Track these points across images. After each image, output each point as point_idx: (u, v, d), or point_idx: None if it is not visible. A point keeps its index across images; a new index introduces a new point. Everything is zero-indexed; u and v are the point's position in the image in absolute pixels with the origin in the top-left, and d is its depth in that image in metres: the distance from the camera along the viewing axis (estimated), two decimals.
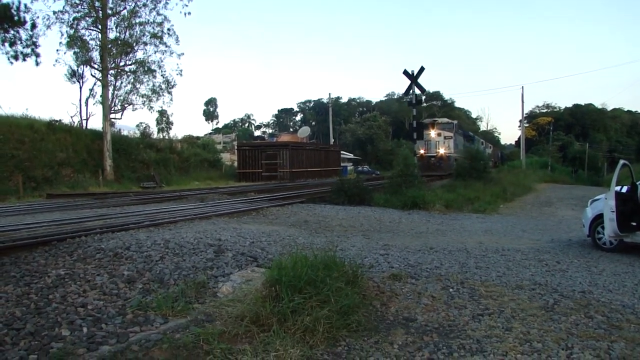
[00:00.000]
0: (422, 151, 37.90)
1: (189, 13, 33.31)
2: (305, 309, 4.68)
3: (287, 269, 5.08)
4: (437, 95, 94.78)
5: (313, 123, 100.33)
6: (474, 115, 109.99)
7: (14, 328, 4.66)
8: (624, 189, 10.06)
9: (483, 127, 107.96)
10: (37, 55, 27.28)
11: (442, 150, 41.04)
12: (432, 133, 41.34)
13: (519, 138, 71.62)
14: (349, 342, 4.55)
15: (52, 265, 6.73)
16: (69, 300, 5.44)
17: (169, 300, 5.33)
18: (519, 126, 75.20)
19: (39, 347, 4.32)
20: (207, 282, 6.16)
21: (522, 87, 75.12)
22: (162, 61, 33.53)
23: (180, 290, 5.73)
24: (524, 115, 65.25)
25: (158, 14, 32.58)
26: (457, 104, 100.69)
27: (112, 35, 31.61)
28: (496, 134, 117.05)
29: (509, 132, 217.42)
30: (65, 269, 6.49)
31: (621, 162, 9.98)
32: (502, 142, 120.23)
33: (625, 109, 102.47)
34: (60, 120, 31.39)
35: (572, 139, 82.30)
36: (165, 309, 5.17)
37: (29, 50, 26.82)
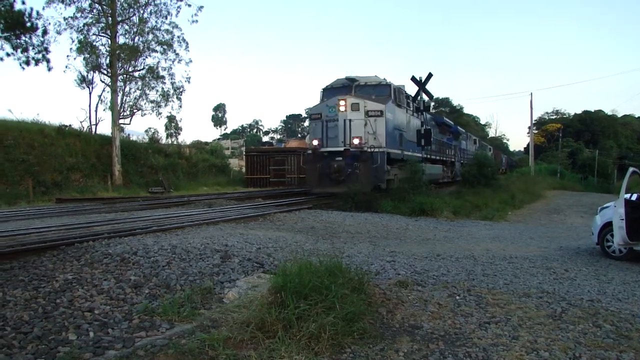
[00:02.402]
0: (315, 143, 21.20)
1: (196, 21, 33.46)
2: (311, 316, 4.67)
3: (292, 276, 5.09)
4: (446, 102, 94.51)
5: None
6: (482, 122, 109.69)
7: (22, 332, 4.70)
8: (634, 197, 9.99)
9: (492, 133, 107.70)
10: (48, 61, 27.46)
11: (357, 141, 20.24)
12: (343, 105, 20.57)
13: (528, 144, 71.32)
14: (354, 349, 4.54)
15: (60, 269, 6.76)
16: (76, 305, 5.46)
17: (175, 306, 5.34)
18: (528, 133, 74.91)
19: (46, 350, 4.35)
20: (213, 288, 6.17)
21: (531, 93, 75.35)
22: (171, 69, 33.70)
23: (187, 296, 5.75)
24: (533, 122, 65.01)
25: (167, 22, 32.76)
26: (466, 110, 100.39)
27: (121, 41, 31.83)
28: (505, 140, 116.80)
29: (518, 139, 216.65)
30: (73, 274, 6.52)
31: (630, 169, 9.92)
32: (511, 148, 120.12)
33: (636, 116, 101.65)
34: (70, 125, 31.58)
35: (582, 146, 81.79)
36: (172, 314, 5.18)
37: (40, 56, 27.09)
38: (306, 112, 29.02)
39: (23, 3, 24.83)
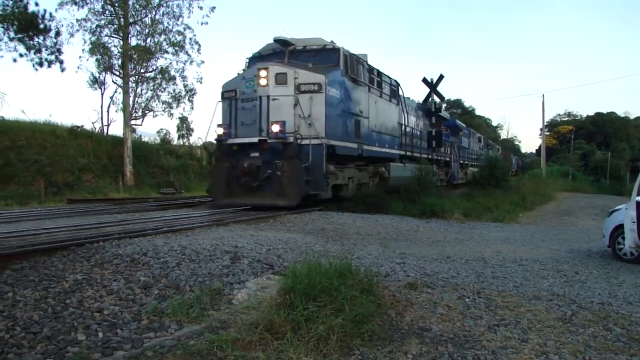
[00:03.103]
0: (220, 131, 15.62)
1: (206, 23, 33.62)
2: (320, 317, 4.67)
3: (302, 277, 5.09)
4: (458, 103, 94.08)
5: None
6: (494, 124, 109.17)
7: (31, 332, 4.73)
8: None
9: (503, 135, 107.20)
10: (61, 62, 27.85)
11: (277, 128, 14.34)
12: (264, 76, 14.91)
13: (540, 146, 70.94)
14: (362, 351, 4.53)
15: (70, 270, 6.79)
16: (85, 305, 5.49)
17: (184, 307, 5.36)
18: (540, 134, 74.52)
19: (55, 351, 4.37)
20: (222, 289, 6.18)
21: (543, 95, 74.65)
22: (183, 71, 33.84)
23: (196, 297, 5.76)
24: (545, 124, 64.58)
25: (178, 23, 32.90)
26: (477, 112, 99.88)
27: (134, 42, 32.05)
28: (517, 142, 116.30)
29: (530, 141, 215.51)
30: (83, 274, 6.56)
31: None
32: (523, 150, 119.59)
33: None
34: (81, 126, 31.86)
35: (594, 148, 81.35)
36: (180, 315, 5.20)
37: (53, 57, 27.38)
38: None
39: (36, 5, 25.21)
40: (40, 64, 27.00)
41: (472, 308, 5.90)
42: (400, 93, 22.30)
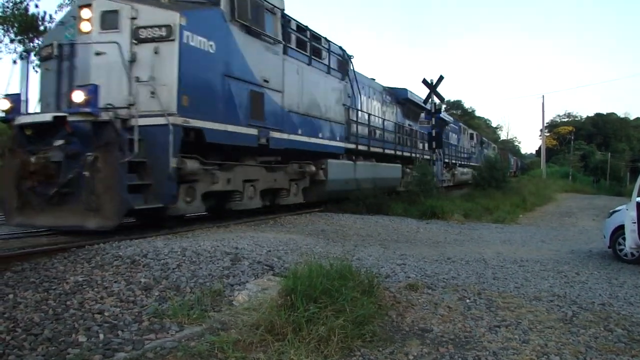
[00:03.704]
0: (6, 105, 9.40)
1: None
2: (320, 319, 4.67)
3: (302, 278, 5.09)
4: (458, 104, 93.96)
5: None
6: (494, 125, 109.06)
7: (32, 333, 4.73)
8: None
9: (503, 136, 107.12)
10: None
11: (80, 96, 8.44)
12: (87, 20, 9.32)
13: (540, 147, 70.99)
14: (363, 352, 4.53)
15: (71, 271, 6.79)
16: (86, 307, 5.48)
17: (184, 308, 5.35)
18: (540, 135, 74.58)
19: (56, 352, 4.37)
20: (223, 291, 6.17)
21: (543, 96, 74.70)
22: None
23: (196, 298, 5.75)
24: (545, 125, 64.61)
25: None
26: (477, 113, 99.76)
27: None
28: (516, 143, 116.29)
29: (530, 142, 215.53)
30: (84, 276, 6.55)
31: None
32: (523, 151, 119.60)
33: None
34: None
35: (594, 149, 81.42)
36: (181, 317, 5.19)
37: None
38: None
39: (36, 7, 25.21)
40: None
41: (473, 309, 5.90)
42: (351, 68, 17.77)
